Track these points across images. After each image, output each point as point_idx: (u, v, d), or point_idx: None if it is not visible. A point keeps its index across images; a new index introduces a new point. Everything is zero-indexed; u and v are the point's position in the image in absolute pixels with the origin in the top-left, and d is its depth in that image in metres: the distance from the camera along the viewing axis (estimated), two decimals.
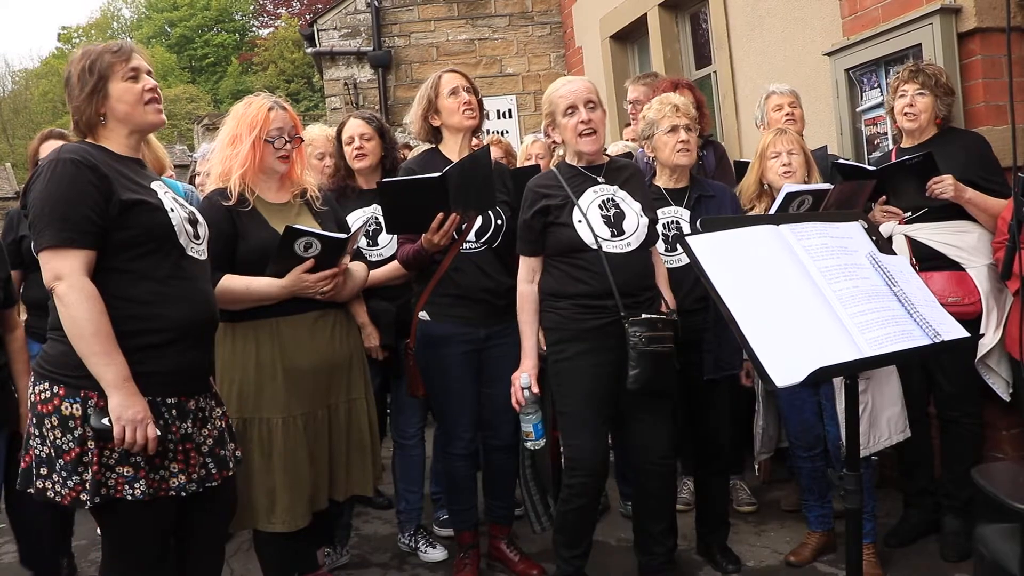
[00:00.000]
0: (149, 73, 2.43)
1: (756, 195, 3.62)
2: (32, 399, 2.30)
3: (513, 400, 3.15)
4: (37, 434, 2.27)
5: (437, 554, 3.85)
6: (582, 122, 3.10)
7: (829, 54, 4.57)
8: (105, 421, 2.19)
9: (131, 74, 2.38)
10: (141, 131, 2.46)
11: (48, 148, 3.63)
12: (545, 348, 3.19)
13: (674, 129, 3.38)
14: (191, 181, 4.72)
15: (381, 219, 3.53)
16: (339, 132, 3.88)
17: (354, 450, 3.12)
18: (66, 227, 2.20)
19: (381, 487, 4.30)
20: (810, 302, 1.98)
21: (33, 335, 3.38)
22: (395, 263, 3.56)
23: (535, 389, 3.14)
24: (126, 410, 2.19)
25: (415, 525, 3.95)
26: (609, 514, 4.21)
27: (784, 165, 3.53)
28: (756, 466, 4.30)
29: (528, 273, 3.19)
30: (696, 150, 3.52)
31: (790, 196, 3.29)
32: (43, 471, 2.26)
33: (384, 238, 3.76)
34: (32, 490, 2.28)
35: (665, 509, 3.28)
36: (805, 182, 3.50)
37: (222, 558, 2.75)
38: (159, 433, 2.24)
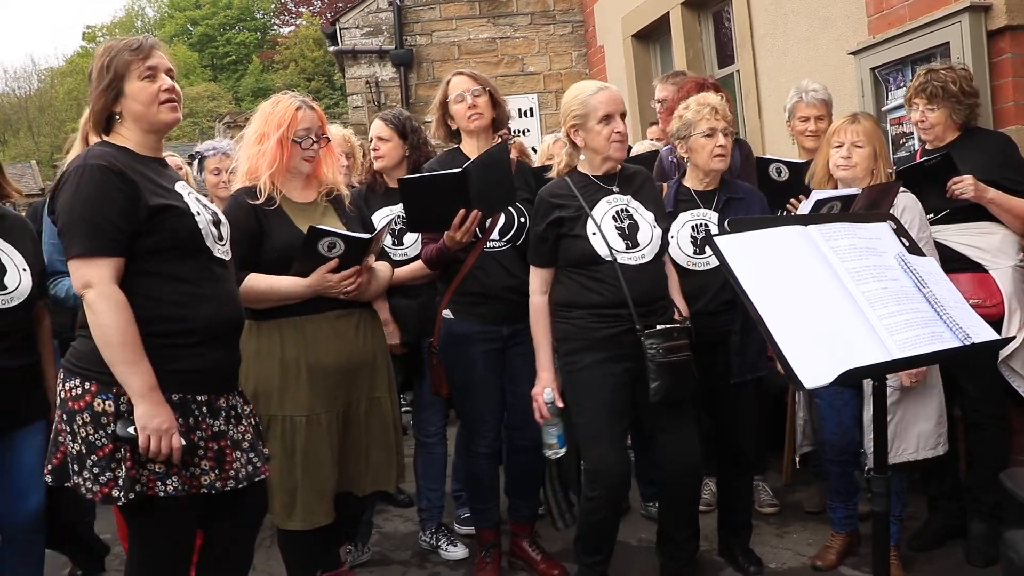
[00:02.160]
0: (169, 72, 2.41)
1: (825, 179, 3.46)
2: (62, 395, 2.31)
3: (537, 415, 3.15)
4: (68, 430, 2.28)
5: (458, 552, 3.86)
6: (618, 132, 3.09)
7: (854, 53, 4.53)
8: (131, 430, 2.21)
9: (148, 73, 2.37)
10: (157, 130, 2.45)
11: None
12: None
13: (712, 133, 3.32)
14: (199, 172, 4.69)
15: (390, 221, 3.55)
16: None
17: (375, 447, 3.12)
18: (95, 235, 2.22)
19: (402, 485, 4.31)
20: (839, 303, 1.96)
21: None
22: (419, 262, 3.57)
23: (559, 403, 3.14)
24: (151, 420, 2.20)
25: (436, 523, 3.96)
26: (630, 514, 4.20)
27: (844, 158, 3.35)
28: (796, 460, 4.23)
29: (540, 284, 3.18)
30: (730, 154, 3.47)
31: (819, 203, 3.24)
32: (75, 467, 2.27)
33: (409, 237, 3.76)
34: (68, 485, 2.30)
35: (690, 515, 3.28)
36: (871, 178, 3.34)
37: (251, 555, 2.76)
38: (184, 442, 2.25)
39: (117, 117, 2.39)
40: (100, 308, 2.21)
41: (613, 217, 3.09)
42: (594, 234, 3.05)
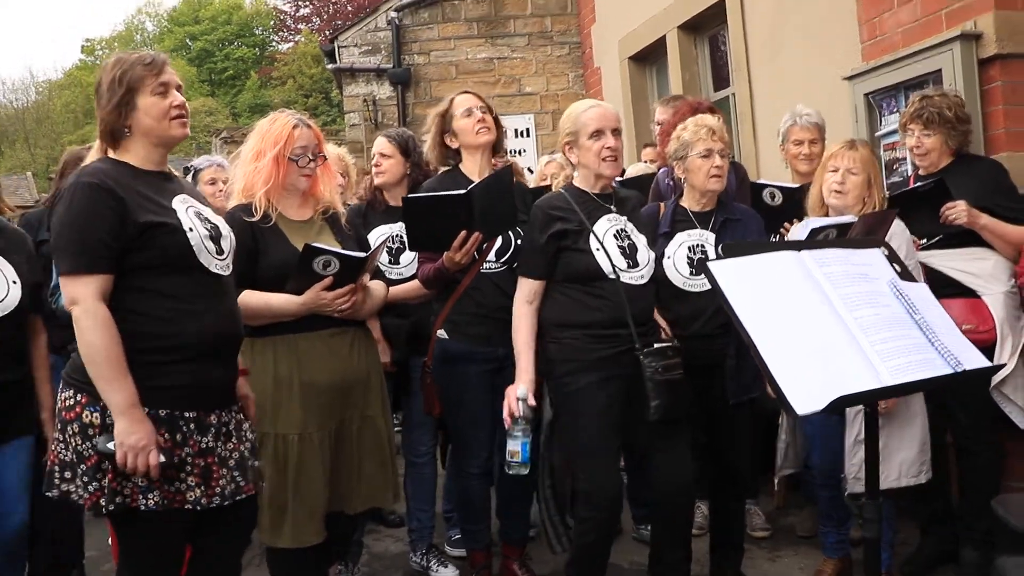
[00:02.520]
0: (179, 88, 2.45)
1: (820, 204, 3.47)
2: (59, 405, 2.35)
3: (505, 413, 3.08)
4: (61, 439, 2.32)
5: (449, 573, 3.84)
6: (608, 148, 3.10)
7: (848, 78, 4.57)
8: (110, 445, 2.23)
9: (160, 89, 2.39)
10: (165, 145, 2.48)
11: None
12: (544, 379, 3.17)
13: (709, 154, 3.34)
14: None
15: (386, 240, 3.56)
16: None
17: (368, 464, 3.11)
18: (81, 252, 2.26)
19: (393, 505, 4.29)
20: (831, 329, 1.97)
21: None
22: (415, 282, 3.57)
23: (531, 402, 3.07)
24: (129, 436, 2.22)
25: (427, 544, 3.94)
26: (621, 537, 4.18)
27: (838, 183, 3.37)
28: (775, 482, 4.24)
29: (528, 295, 3.16)
30: (726, 175, 3.50)
31: (814, 231, 3.26)
32: (67, 475, 2.30)
33: (406, 257, 3.76)
34: (53, 493, 2.32)
35: (684, 537, 3.27)
36: (863, 205, 3.36)
37: (238, 570, 2.75)
38: (163, 459, 2.25)
39: (126, 131, 2.41)
40: (84, 325, 2.24)
41: (614, 235, 3.11)
42: (598, 250, 3.06)
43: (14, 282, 3.01)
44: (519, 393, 3.07)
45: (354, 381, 3.07)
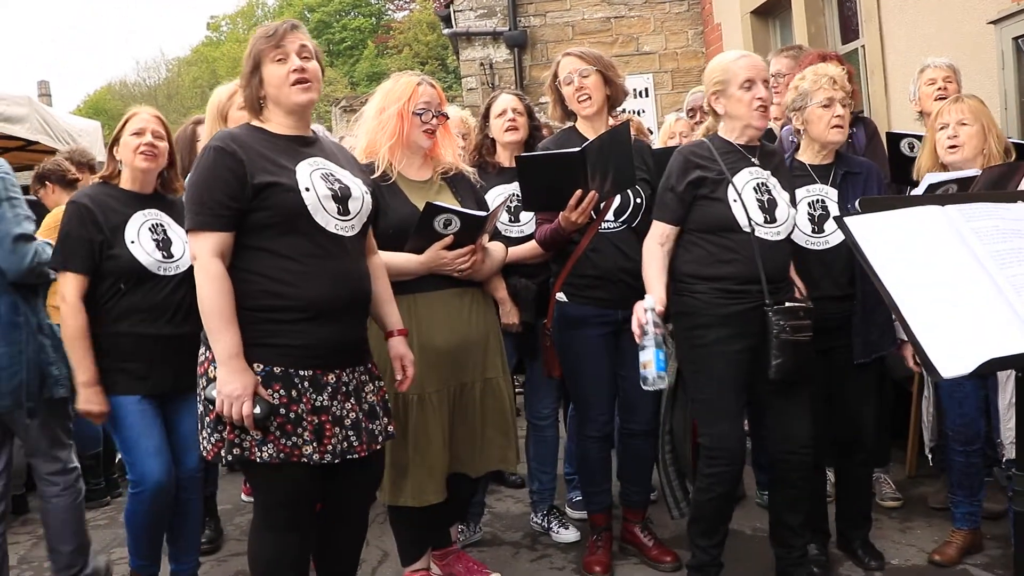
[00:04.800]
0: (302, 52, 2.48)
1: (934, 168, 3.33)
2: (198, 360, 2.50)
3: (634, 325, 2.89)
4: (199, 393, 2.46)
5: (569, 535, 3.84)
6: (759, 98, 3.00)
7: (994, 22, 4.27)
8: (214, 392, 2.33)
9: (280, 56, 2.46)
10: (293, 111, 2.52)
11: (201, 131, 3.82)
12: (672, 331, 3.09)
13: (830, 103, 3.19)
14: None
15: (512, 195, 3.53)
16: (488, 107, 3.90)
17: (490, 427, 3.13)
18: (200, 211, 2.37)
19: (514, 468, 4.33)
20: (980, 288, 1.85)
21: None
22: (533, 242, 3.54)
23: (660, 309, 2.87)
24: (225, 385, 2.31)
25: (548, 505, 3.95)
26: (745, 502, 4.10)
27: (950, 138, 3.23)
28: (928, 455, 4.06)
29: (660, 237, 3.08)
30: (848, 127, 3.34)
31: (932, 187, 3.07)
32: (199, 426, 2.47)
33: (526, 215, 3.73)
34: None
35: (803, 501, 3.17)
36: (982, 157, 3.18)
37: (365, 528, 2.82)
38: (259, 411, 2.32)
39: (261, 101, 2.53)
40: (199, 279, 2.37)
41: (754, 188, 3.01)
42: (735, 201, 2.97)
43: (186, 242, 3.16)
44: (647, 303, 2.89)
45: (472, 343, 3.08)
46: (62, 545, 3.34)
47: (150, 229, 3.16)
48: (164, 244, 3.16)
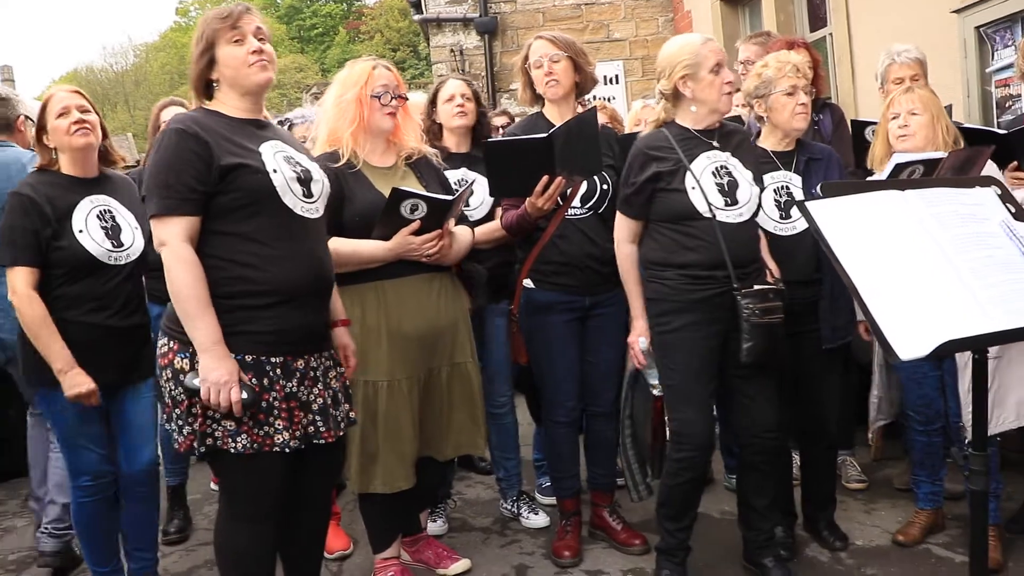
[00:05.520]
0: (257, 34, 2.46)
1: (886, 157, 3.34)
2: (157, 353, 2.45)
3: (635, 362, 3.16)
4: (161, 386, 2.42)
5: (539, 520, 3.85)
6: (728, 82, 3.01)
7: (958, 11, 4.32)
8: (196, 381, 2.29)
9: (236, 37, 2.43)
10: (251, 92, 2.50)
11: (168, 114, 3.76)
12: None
13: (793, 91, 3.21)
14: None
15: (472, 182, 3.51)
16: (435, 92, 3.87)
17: (458, 412, 3.14)
18: (168, 195, 2.31)
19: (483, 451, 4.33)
20: (938, 272, 1.87)
21: (151, 297, 3.50)
22: (492, 224, 3.54)
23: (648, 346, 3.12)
24: (211, 372, 2.27)
25: (516, 491, 3.96)
26: (713, 486, 4.14)
27: (901, 127, 3.28)
28: (869, 435, 4.13)
29: (629, 234, 3.12)
30: (811, 113, 3.36)
31: (899, 167, 3.11)
32: (165, 419, 2.44)
33: (476, 199, 3.69)
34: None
35: (770, 484, 3.20)
36: (932, 146, 3.23)
37: (328, 515, 2.82)
38: (245, 396, 2.30)
39: (215, 84, 2.48)
40: (170, 265, 2.31)
41: (713, 172, 3.01)
42: (693, 188, 2.97)
43: (136, 228, 3.11)
44: (641, 346, 3.13)
45: (442, 328, 3.07)
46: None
47: (98, 216, 3.04)
48: (113, 232, 3.05)
